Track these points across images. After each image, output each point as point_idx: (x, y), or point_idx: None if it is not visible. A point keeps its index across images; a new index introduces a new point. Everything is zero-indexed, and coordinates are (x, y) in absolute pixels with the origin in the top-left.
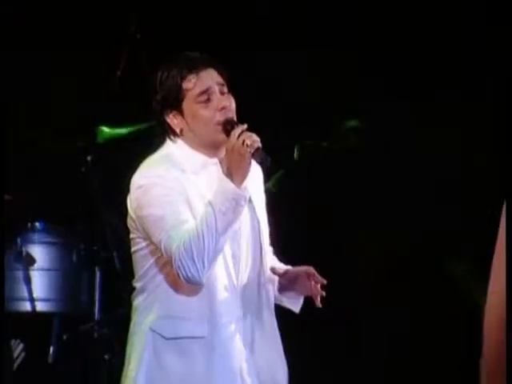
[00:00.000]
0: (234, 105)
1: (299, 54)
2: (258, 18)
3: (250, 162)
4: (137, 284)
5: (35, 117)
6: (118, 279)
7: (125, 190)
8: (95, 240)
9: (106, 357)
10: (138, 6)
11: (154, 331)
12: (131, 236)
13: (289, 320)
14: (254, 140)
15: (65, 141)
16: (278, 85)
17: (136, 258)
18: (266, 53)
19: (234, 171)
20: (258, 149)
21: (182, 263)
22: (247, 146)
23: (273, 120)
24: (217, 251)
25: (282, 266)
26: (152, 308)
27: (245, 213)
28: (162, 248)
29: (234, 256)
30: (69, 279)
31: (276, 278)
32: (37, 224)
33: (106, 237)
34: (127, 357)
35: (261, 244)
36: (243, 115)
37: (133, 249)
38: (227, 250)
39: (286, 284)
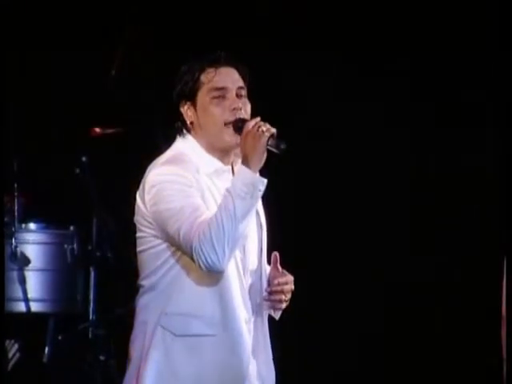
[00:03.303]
0: (248, 110)
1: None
2: (258, 18)
3: (266, 148)
4: (144, 282)
5: (32, 117)
6: (113, 279)
7: (120, 190)
8: (90, 240)
9: (102, 357)
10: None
11: (164, 328)
12: (139, 235)
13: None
14: (269, 127)
15: (60, 142)
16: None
17: (145, 256)
18: (266, 52)
19: (250, 156)
20: (272, 134)
21: (201, 250)
22: (262, 132)
23: None
24: (237, 238)
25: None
26: (162, 305)
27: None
28: (181, 237)
29: (241, 258)
30: (64, 279)
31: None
32: (31, 224)
33: (101, 237)
34: (135, 354)
35: (261, 248)
36: None
37: (141, 247)
38: (237, 252)
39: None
